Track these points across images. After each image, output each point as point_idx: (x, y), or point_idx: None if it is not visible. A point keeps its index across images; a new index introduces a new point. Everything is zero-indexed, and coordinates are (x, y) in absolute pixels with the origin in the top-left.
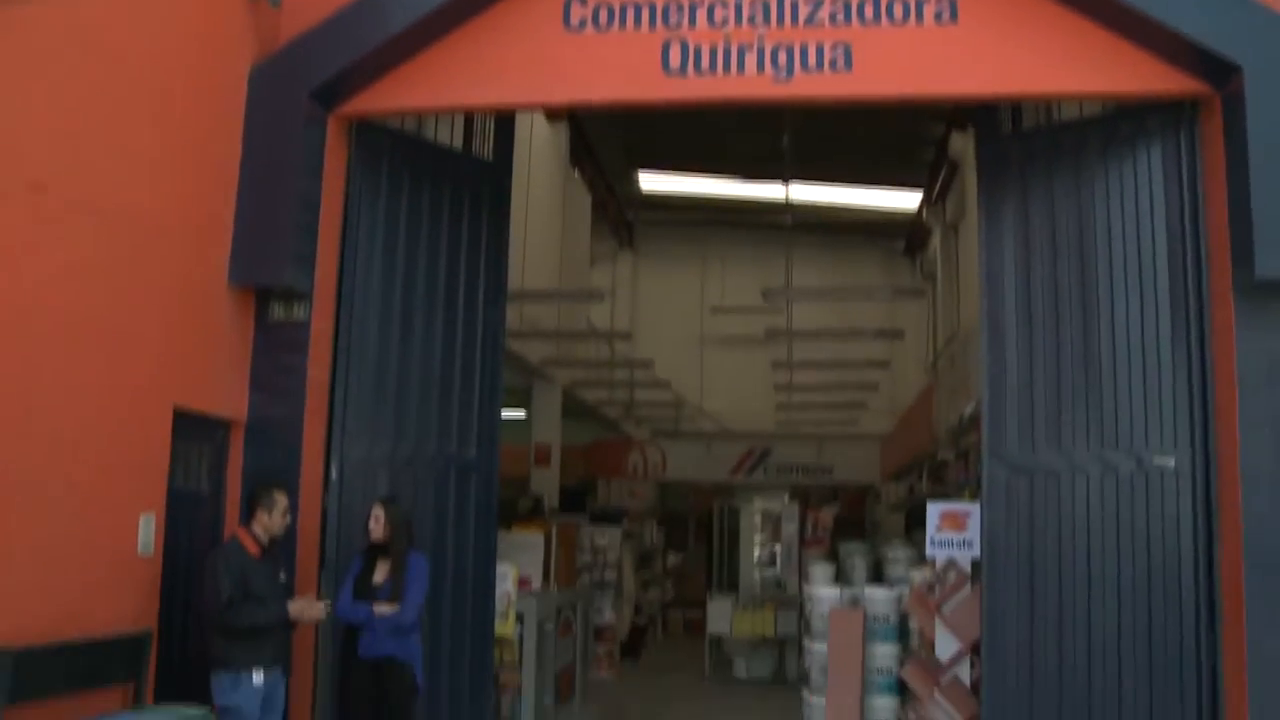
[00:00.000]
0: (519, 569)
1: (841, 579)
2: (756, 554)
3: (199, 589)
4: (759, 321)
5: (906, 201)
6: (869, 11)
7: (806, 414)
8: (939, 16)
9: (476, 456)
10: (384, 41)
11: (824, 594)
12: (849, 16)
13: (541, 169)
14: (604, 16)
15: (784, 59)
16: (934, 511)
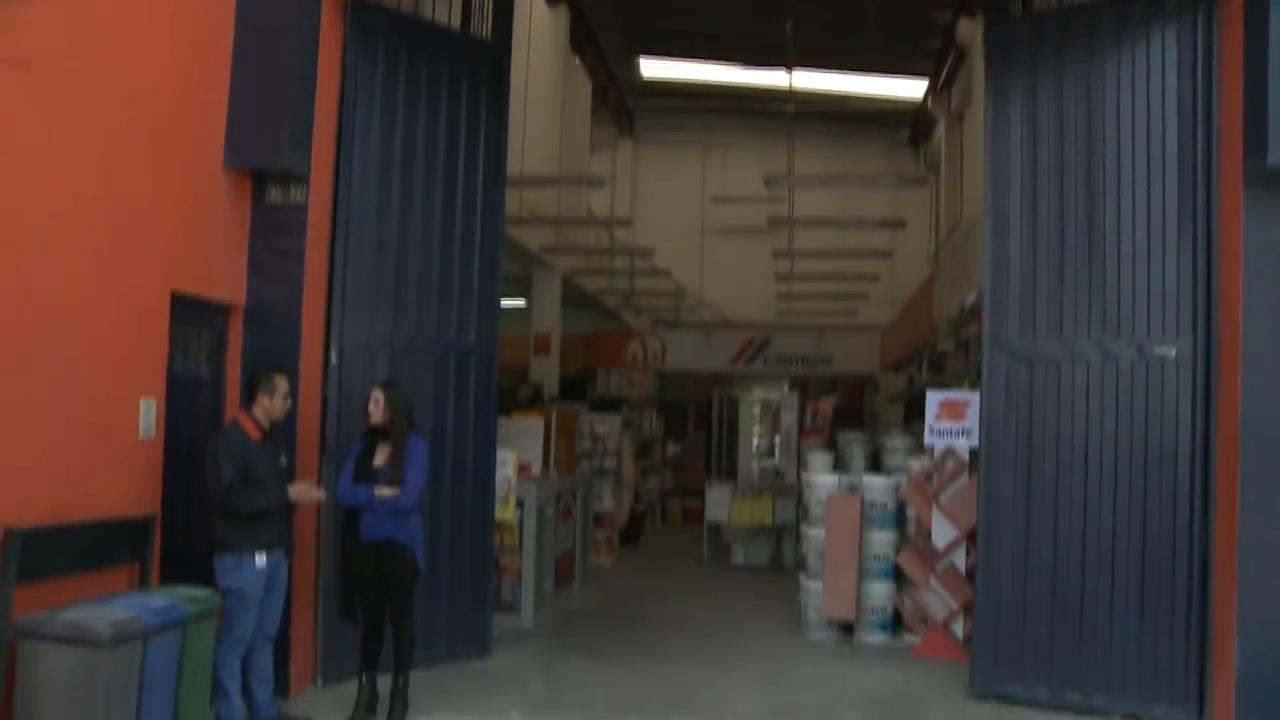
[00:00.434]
0: (519, 454)
1: (840, 468)
2: (755, 443)
3: (201, 473)
4: (760, 211)
5: (911, 90)
6: None
7: (807, 304)
8: None
9: (476, 340)
10: None
11: (822, 481)
12: None
13: (541, 53)
14: None
15: None
16: (933, 399)
